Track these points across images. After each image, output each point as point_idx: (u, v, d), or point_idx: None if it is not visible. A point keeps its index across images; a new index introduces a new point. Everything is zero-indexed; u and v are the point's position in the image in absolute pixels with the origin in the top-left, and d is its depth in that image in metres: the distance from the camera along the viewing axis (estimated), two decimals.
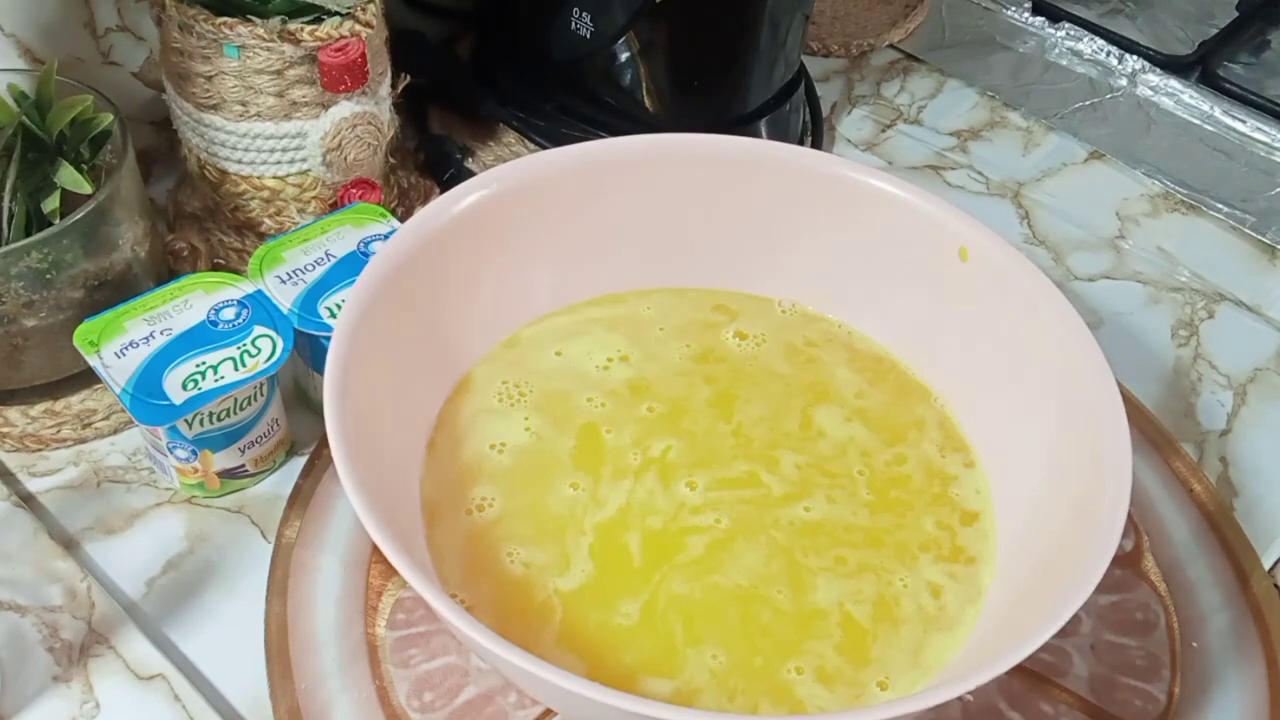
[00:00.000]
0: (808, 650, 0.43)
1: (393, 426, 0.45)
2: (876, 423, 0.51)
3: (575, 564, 0.44)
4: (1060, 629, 0.36)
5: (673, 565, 0.45)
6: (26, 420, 0.51)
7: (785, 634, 0.43)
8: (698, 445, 0.49)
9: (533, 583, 0.44)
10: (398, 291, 0.45)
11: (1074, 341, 0.45)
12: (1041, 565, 0.42)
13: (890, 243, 0.51)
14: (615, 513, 0.46)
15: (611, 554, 0.45)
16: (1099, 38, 0.77)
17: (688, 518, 0.47)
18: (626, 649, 0.42)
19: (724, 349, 0.53)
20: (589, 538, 0.45)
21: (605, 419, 0.50)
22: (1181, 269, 0.66)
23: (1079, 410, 0.44)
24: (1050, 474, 0.45)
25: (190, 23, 0.51)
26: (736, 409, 0.51)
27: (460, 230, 0.48)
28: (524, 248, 0.51)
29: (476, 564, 0.44)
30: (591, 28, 0.62)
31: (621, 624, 0.43)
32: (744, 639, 0.43)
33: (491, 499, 0.46)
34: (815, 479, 0.48)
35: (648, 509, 0.47)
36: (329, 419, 0.39)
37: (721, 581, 0.44)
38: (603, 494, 0.47)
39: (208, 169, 0.57)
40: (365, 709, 0.43)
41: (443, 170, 0.66)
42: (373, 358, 0.43)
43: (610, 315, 0.54)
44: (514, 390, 0.50)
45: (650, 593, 0.44)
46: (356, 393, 0.41)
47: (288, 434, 0.51)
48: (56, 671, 0.44)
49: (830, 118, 0.75)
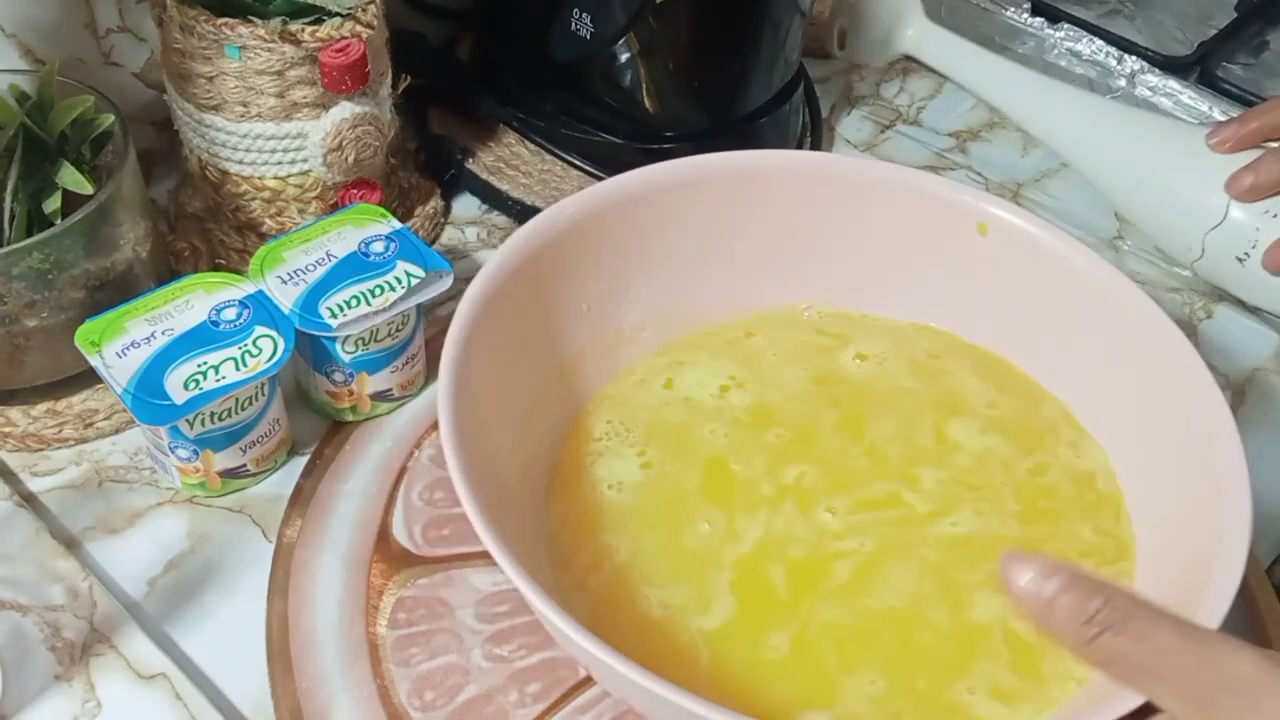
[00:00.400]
0: (978, 670, 0.42)
1: (515, 477, 0.45)
2: (1013, 432, 0.50)
3: (716, 602, 0.43)
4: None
5: (820, 593, 0.44)
6: (28, 420, 0.51)
7: (948, 654, 0.42)
8: (832, 469, 0.48)
9: (674, 625, 0.43)
10: (497, 327, 0.45)
11: (1164, 341, 0.46)
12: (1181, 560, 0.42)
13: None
14: (753, 546, 0.45)
15: (754, 588, 0.44)
16: (1098, 38, 0.77)
17: (830, 544, 0.45)
18: (778, 684, 0.41)
19: (844, 370, 0.52)
20: (728, 574, 0.44)
21: (731, 450, 0.49)
22: (1180, 269, 0.66)
23: (1186, 406, 0.44)
24: (1172, 463, 0.45)
25: (191, 23, 0.52)
26: (867, 429, 0.50)
27: (548, 266, 0.48)
28: (618, 279, 0.51)
29: (615, 609, 0.43)
30: (591, 28, 0.62)
31: (771, 658, 0.42)
32: (902, 662, 0.42)
33: (617, 544, 0.45)
34: (959, 493, 0.47)
35: (788, 539, 0.46)
36: (456, 478, 0.38)
37: (873, 605, 0.43)
38: (739, 528, 0.46)
39: (209, 169, 0.57)
40: (366, 708, 0.43)
41: (443, 170, 0.66)
42: (483, 406, 0.43)
43: (715, 343, 0.53)
44: (621, 428, 0.49)
45: (799, 624, 0.43)
46: (473, 452, 0.41)
47: (289, 434, 0.52)
48: (58, 671, 0.44)
49: (830, 119, 0.75)
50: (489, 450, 0.43)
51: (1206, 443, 0.43)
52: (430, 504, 0.50)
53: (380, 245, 0.51)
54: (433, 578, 0.47)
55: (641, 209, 0.50)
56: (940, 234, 0.52)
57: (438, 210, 0.64)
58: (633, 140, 0.65)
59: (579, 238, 0.49)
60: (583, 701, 0.43)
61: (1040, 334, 0.51)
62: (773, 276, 0.54)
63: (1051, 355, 0.51)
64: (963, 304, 0.53)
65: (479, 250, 0.64)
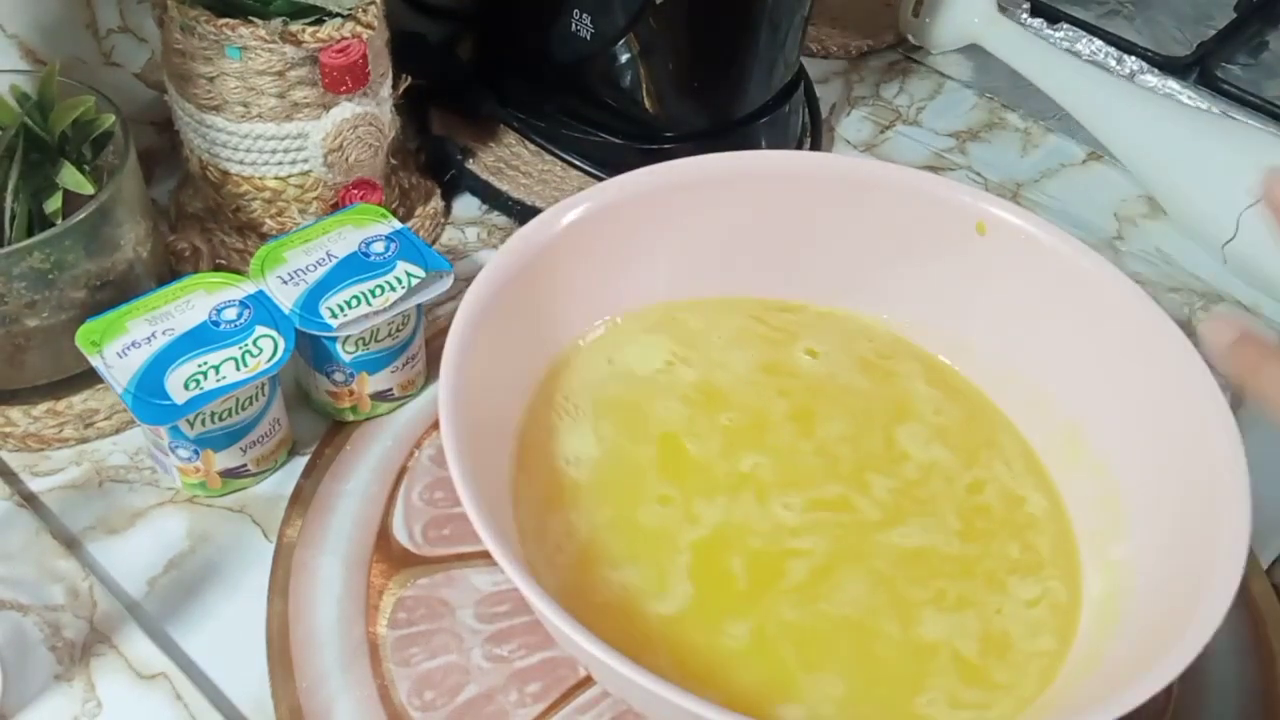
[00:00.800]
0: (932, 685, 0.43)
1: (515, 476, 0.46)
2: (956, 443, 0.51)
3: (674, 585, 0.44)
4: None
5: (777, 591, 0.44)
6: (29, 420, 0.51)
7: (904, 666, 0.43)
8: (785, 463, 0.49)
9: (633, 607, 0.43)
10: (498, 327, 0.46)
11: (1158, 333, 0.47)
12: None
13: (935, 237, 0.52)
14: (711, 531, 0.46)
15: (711, 575, 0.45)
16: (1097, 38, 0.77)
17: (787, 540, 0.46)
18: (742, 671, 0.42)
19: (794, 363, 0.53)
20: (686, 556, 0.45)
21: (684, 428, 0.49)
22: (1179, 269, 0.67)
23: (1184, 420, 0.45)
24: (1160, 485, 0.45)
25: (192, 24, 0.52)
26: (817, 425, 0.50)
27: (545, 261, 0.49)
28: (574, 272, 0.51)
29: (581, 591, 0.44)
30: (592, 29, 0.62)
31: (731, 646, 0.43)
32: (860, 669, 0.43)
33: (575, 521, 0.46)
34: (908, 506, 0.48)
35: (745, 529, 0.46)
36: (457, 478, 0.39)
37: (829, 610, 0.44)
38: (695, 510, 0.47)
39: (209, 170, 0.57)
40: (366, 708, 0.43)
41: (443, 171, 0.66)
42: (475, 381, 0.43)
43: (652, 323, 0.53)
44: (571, 404, 0.50)
45: (757, 617, 0.44)
46: (474, 451, 0.41)
47: (289, 434, 0.52)
48: (58, 670, 0.44)
49: (829, 119, 0.75)
50: (489, 449, 0.43)
51: (1206, 443, 0.43)
52: (430, 504, 0.50)
53: (380, 245, 0.51)
54: (433, 578, 0.47)
55: (643, 209, 0.50)
56: (939, 234, 0.52)
57: (438, 210, 0.64)
58: (633, 140, 0.65)
59: (579, 238, 0.49)
60: (583, 701, 0.44)
61: (1040, 334, 0.51)
62: (772, 277, 0.54)
63: (1051, 355, 0.51)
64: (962, 304, 0.53)
65: (479, 250, 0.64)
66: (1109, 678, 0.41)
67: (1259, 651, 0.47)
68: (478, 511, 0.37)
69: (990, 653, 0.44)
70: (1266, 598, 0.49)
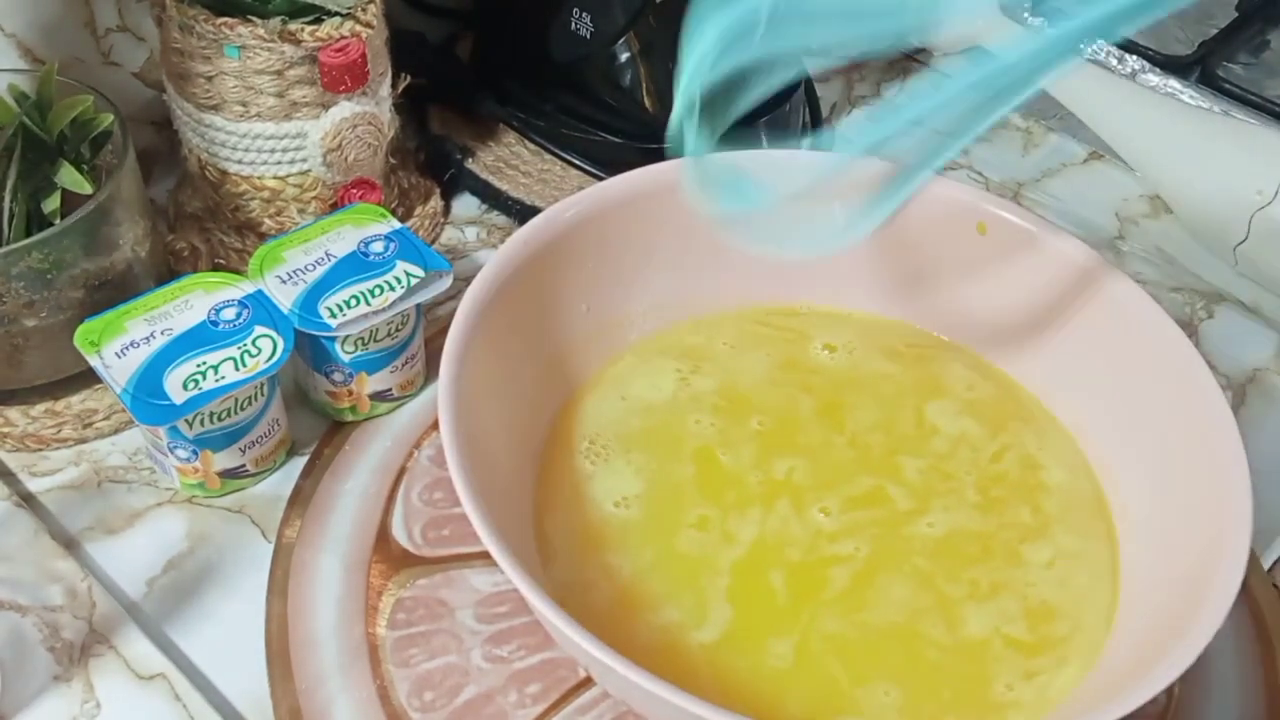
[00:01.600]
0: (997, 672, 0.42)
1: (514, 477, 0.46)
2: (986, 415, 0.50)
3: (712, 612, 0.43)
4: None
5: (818, 603, 0.44)
6: (27, 420, 0.51)
7: (962, 666, 0.43)
8: (819, 463, 0.48)
9: (674, 640, 0.43)
10: (498, 327, 0.45)
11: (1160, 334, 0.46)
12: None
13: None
14: (749, 549, 0.45)
15: (752, 595, 0.44)
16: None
17: (826, 546, 0.46)
18: (791, 691, 0.41)
19: (813, 360, 0.53)
20: (725, 579, 0.44)
21: (717, 439, 0.49)
22: (1181, 270, 0.66)
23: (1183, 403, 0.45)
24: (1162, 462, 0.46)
25: (191, 23, 0.51)
26: (847, 417, 0.50)
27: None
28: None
29: (614, 632, 0.42)
30: (591, 28, 0.62)
31: (777, 666, 0.42)
32: (915, 674, 0.42)
33: (619, 563, 0.45)
34: (935, 485, 0.48)
35: (784, 540, 0.46)
36: (457, 478, 0.38)
37: (872, 619, 0.44)
38: (732, 527, 0.46)
39: (208, 169, 0.57)
40: (366, 708, 0.43)
41: (443, 170, 0.66)
42: (483, 407, 0.43)
43: (660, 348, 0.53)
44: (598, 446, 0.49)
45: (800, 634, 0.43)
46: (473, 452, 0.41)
47: (288, 434, 0.51)
48: (57, 671, 0.44)
49: (830, 119, 0.75)
50: (489, 450, 0.43)
51: (1208, 443, 0.43)
52: (430, 504, 0.50)
53: (380, 245, 0.51)
54: (432, 578, 0.47)
55: (643, 208, 0.50)
56: (939, 234, 0.52)
57: (437, 210, 0.64)
58: (633, 140, 0.65)
59: (580, 238, 0.49)
60: (583, 702, 0.43)
61: (1039, 334, 0.51)
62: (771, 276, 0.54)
63: (1050, 355, 0.51)
64: (960, 303, 0.53)
65: (479, 250, 0.63)
66: (1110, 678, 0.41)
67: (1260, 652, 0.47)
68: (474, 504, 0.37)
69: (1039, 624, 0.44)
70: (1268, 598, 0.48)
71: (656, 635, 0.43)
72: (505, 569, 0.36)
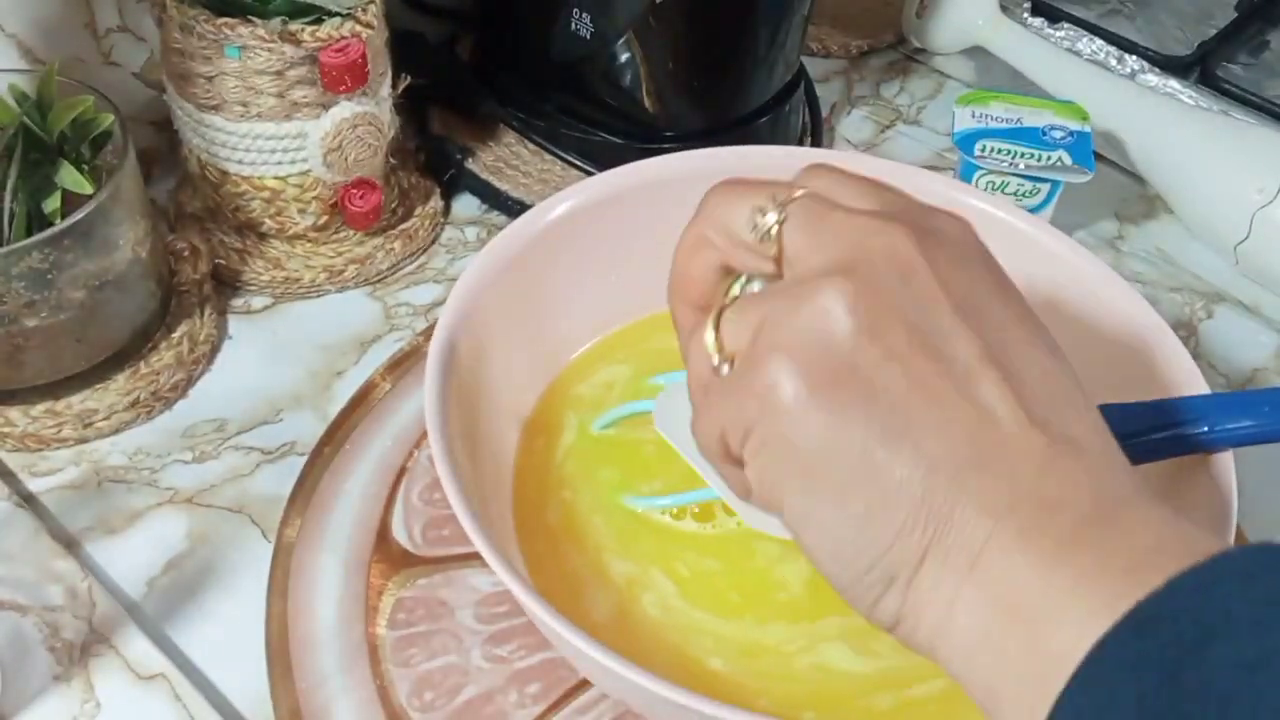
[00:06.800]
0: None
1: (512, 477, 0.46)
2: None
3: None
4: None
5: (833, 598, 0.44)
6: (27, 420, 0.51)
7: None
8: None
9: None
10: (493, 326, 0.46)
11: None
12: None
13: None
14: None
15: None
16: (1098, 38, 0.77)
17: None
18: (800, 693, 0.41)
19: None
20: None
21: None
22: (1180, 270, 0.66)
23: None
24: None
25: (191, 23, 0.52)
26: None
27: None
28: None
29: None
30: (591, 28, 0.62)
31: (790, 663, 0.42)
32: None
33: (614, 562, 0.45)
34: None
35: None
36: (446, 481, 0.39)
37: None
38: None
39: (208, 169, 0.57)
40: (366, 708, 0.43)
41: (443, 170, 0.66)
42: (477, 406, 0.44)
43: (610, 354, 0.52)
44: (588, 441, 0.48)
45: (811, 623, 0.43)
46: (465, 455, 0.41)
47: None
48: (57, 671, 0.44)
49: (830, 118, 0.75)
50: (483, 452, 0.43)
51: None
52: (430, 504, 0.50)
53: (1060, 134, 0.63)
54: (432, 578, 0.47)
55: (635, 204, 0.50)
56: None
57: (437, 210, 0.64)
58: (632, 140, 0.65)
59: (572, 235, 0.49)
60: (582, 702, 0.43)
61: None
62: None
63: None
64: None
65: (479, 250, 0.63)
66: None
67: None
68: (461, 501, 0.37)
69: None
70: None
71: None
72: (501, 573, 0.36)
